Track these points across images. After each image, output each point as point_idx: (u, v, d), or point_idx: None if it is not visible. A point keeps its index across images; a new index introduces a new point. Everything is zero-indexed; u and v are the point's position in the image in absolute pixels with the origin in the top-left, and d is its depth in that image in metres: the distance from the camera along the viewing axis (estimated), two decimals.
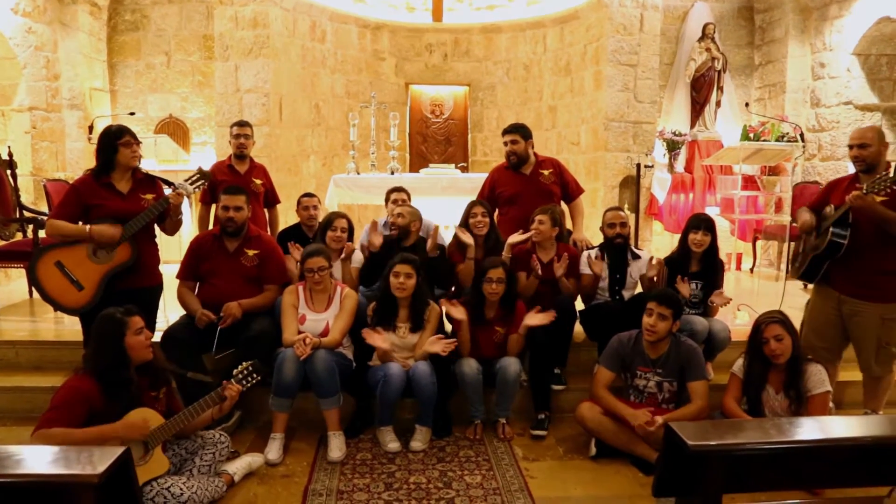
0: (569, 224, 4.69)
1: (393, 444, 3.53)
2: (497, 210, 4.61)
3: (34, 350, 4.24)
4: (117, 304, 3.00)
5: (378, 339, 3.57)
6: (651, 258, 4.08)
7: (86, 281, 3.50)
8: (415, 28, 8.03)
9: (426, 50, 8.11)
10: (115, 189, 3.57)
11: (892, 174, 3.24)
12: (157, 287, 3.80)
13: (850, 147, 3.52)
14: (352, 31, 7.71)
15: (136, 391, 2.85)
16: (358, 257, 4.24)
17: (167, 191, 3.69)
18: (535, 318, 3.68)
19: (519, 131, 4.44)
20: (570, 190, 4.60)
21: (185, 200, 3.71)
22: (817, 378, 3.25)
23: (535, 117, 7.77)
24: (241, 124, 4.86)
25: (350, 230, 4.17)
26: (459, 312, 3.71)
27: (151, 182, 3.72)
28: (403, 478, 3.24)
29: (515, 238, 4.06)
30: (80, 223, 3.55)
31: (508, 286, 3.76)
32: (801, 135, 7.06)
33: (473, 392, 3.70)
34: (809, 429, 1.78)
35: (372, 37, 7.90)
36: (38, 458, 1.59)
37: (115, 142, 3.51)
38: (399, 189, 4.64)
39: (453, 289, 4.26)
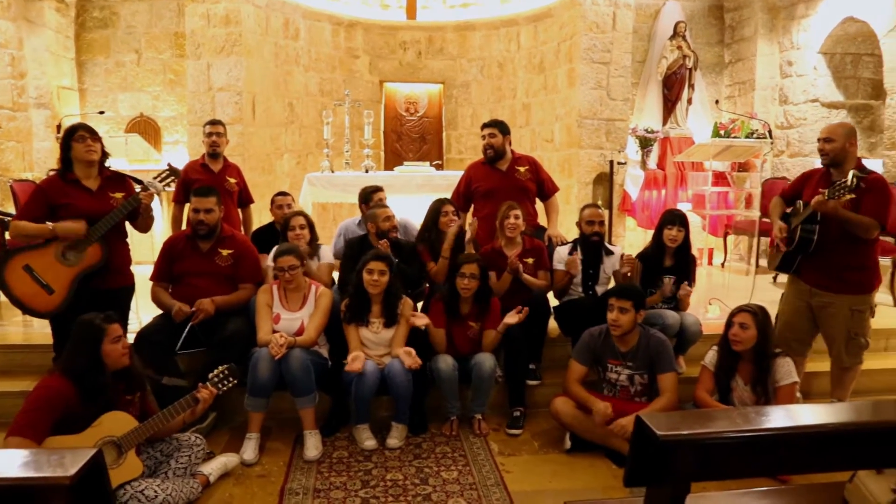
0: (543, 220, 4.73)
1: (369, 442, 3.53)
2: (472, 206, 4.63)
3: (2, 354, 4.15)
4: (88, 305, 2.97)
5: (358, 363, 3.51)
6: (622, 255, 4.12)
7: (56, 284, 3.44)
8: (389, 25, 8.02)
9: (400, 48, 8.10)
10: (82, 186, 3.52)
11: (849, 181, 3.33)
12: (128, 287, 3.76)
13: (819, 140, 3.62)
14: (325, 28, 7.68)
15: (111, 395, 2.83)
16: (326, 253, 4.23)
17: (137, 189, 3.65)
18: (514, 318, 3.72)
19: (497, 126, 4.50)
20: (545, 188, 4.64)
21: (156, 198, 3.68)
22: (785, 370, 3.33)
23: (510, 115, 7.80)
24: (214, 123, 4.82)
25: (310, 225, 4.18)
26: (421, 320, 3.73)
27: (121, 180, 3.67)
28: (380, 475, 3.25)
29: None
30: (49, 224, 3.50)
31: (482, 282, 3.78)
32: (770, 131, 7.19)
33: (449, 388, 3.71)
34: (775, 417, 1.81)
35: (346, 34, 7.88)
36: (7, 462, 1.56)
37: (68, 139, 3.49)
38: (378, 189, 4.61)
39: (427, 286, 4.28)
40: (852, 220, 3.41)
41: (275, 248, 3.83)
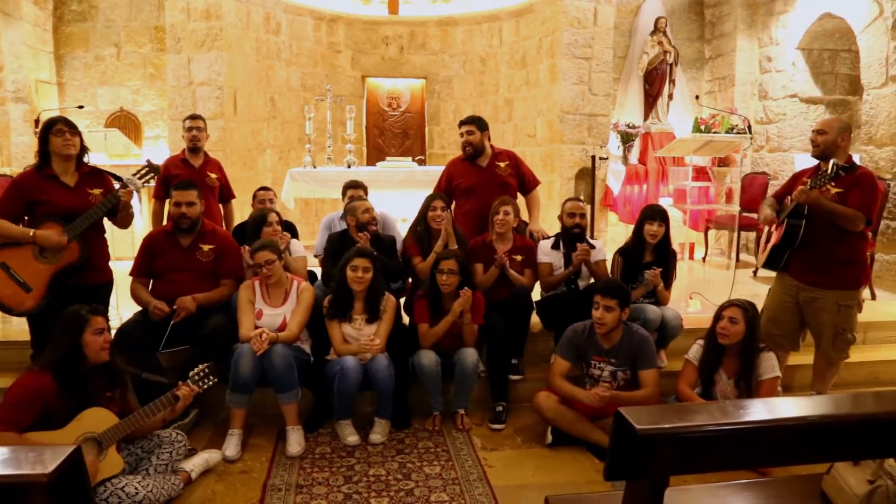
0: (524, 215, 4.74)
1: (352, 438, 3.53)
2: (454, 202, 4.63)
3: None
4: (67, 303, 2.94)
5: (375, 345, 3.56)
6: (577, 245, 4.04)
7: (33, 282, 3.39)
8: (371, 20, 7.98)
9: (382, 43, 8.08)
10: (59, 181, 3.46)
11: (829, 170, 3.37)
12: (107, 284, 3.71)
13: (812, 131, 3.65)
14: (307, 23, 7.63)
15: (91, 390, 2.80)
16: (297, 247, 4.23)
17: (115, 185, 3.61)
18: (459, 304, 3.65)
19: (475, 122, 4.49)
20: (526, 182, 4.65)
21: (135, 195, 3.64)
22: (768, 364, 3.36)
23: (492, 110, 7.81)
24: (194, 117, 4.78)
25: (282, 222, 4.20)
26: (459, 304, 3.65)
27: (99, 176, 3.62)
28: (363, 470, 3.25)
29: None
30: (26, 218, 3.45)
31: (463, 277, 3.78)
32: (750, 127, 7.25)
33: (432, 384, 3.71)
34: (754, 410, 1.84)
35: (328, 29, 7.83)
36: None
37: (46, 132, 3.43)
38: (356, 185, 4.61)
39: (410, 281, 4.28)
40: (837, 211, 3.42)
41: (246, 247, 3.81)
